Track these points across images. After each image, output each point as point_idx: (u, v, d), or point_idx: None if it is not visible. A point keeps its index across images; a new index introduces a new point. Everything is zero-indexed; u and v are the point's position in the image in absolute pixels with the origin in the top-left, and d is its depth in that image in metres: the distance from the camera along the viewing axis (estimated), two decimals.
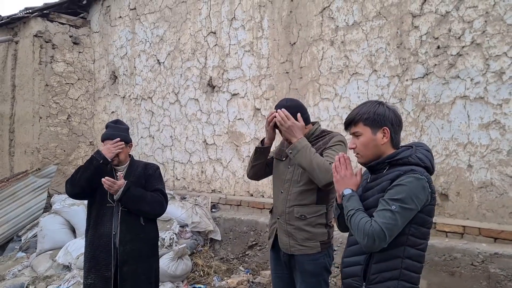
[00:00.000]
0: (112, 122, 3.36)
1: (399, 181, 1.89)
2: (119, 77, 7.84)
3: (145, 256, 3.17)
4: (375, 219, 1.87)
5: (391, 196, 1.87)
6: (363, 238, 1.87)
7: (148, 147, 7.33)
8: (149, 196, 3.17)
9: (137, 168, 3.29)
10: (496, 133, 3.80)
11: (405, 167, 1.94)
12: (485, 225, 3.84)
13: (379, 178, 2.01)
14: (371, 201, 1.99)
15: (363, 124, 2.03)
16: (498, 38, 3.77)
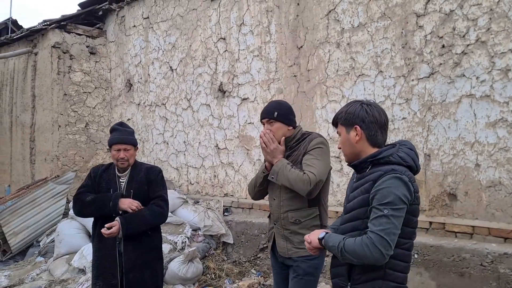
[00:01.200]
0: (118, 125, 3.35)
1: (381, 184, 1.88)
2: (134, 84, 8.00)
3: (150, 262, 3.21)
4: (371, 229, 1.85)
5: (379, 202, 1.86)
6: (370, 255, 1.82)
7: (162, 153, 7.45)
8: (149, 215, 3.18)
9: (139, 173, 3.29)
10: (503, 131, 3.75)
11: (386, 166, 1.94)
12: (494, 224, 3.79)
13: (363, 178, 2.02)
14: (355, 202, 2.00)
15: (340, 124, 2.10)
16: (503, 35, 3.73)
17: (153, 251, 3.29)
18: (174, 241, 5.49)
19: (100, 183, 3.25)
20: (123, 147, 3.20)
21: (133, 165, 3.32)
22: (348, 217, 2.04)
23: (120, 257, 3.15)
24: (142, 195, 3.23)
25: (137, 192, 3.21)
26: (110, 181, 3.24)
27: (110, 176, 3.27)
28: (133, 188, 3.21)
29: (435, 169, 4.14)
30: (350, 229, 2.01)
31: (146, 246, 3.21)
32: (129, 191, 3.20)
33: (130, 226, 3.08)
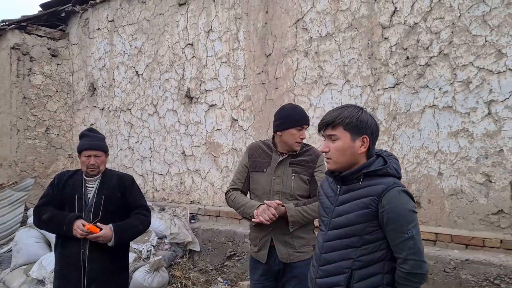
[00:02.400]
0: (88, 131, 3.24)
1: (391, 201, 1.83)
2: (98, 89, 7.80)
3: (115, 273, 3.10)
4: (402, 256, 1.82)
5: (398, 224, 1.82)
6: (413, 283, 1.83)
7: (127, 159, 7.29)
8: (140, 226, 3.14)
9: (111, 179, 3.20)
10: (464, 141, 3.88)
11: (384, 179, 1.89)
12: (456, 232, 3.91)
13: (354, 190, 1.91)
14: (350, 218, 1.89)
15: (343, 128, 1.90)
16: (464, 48, 3.87)
17: (118, 261, 3.18)
18: (139, 249, 5.36)
19: (65, 189, 3.11)
20: (94, 153, 3.09)
21: (103, 172, 3.20)
22: (338, 234, 1.93)
23: (84, 266, 3.02)
24: (114, 202, 3.12)
25: (109, 199, 3.10)
26: (76, 186, 3.11)
27: (76, 182, 3.14)
28: (105, 195, 3.10)
29: None
30: (343, 246, 1.91)
31: (112, 256, 3.09)
32: (100, 197, 3.09)
33: (123, 235, 3.03)
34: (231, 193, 2.93)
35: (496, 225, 3.72)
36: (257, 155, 2.90)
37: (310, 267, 2.11)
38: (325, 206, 2.01)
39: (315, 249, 2.10)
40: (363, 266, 1.89)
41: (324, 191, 2.08)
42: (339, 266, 1.92)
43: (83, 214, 3.05)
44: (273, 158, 2.84)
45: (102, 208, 3.06)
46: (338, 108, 1.97)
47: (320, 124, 1.97)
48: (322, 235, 2.02)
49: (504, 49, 3.66)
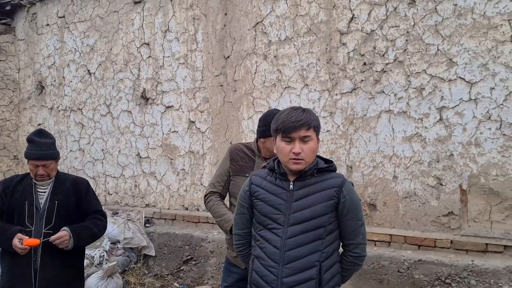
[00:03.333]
0: (35, 135, 2.94)
1: (349, 192, 2.00)
2: (47, 87, 7.46)
3: (68, 281, 2.95)
4: (356, 241, 2.03)
5: (355, 212, 2.01)
6: (361, 265, 2.11)
7: (78, 161, 7.01)
8: (95, 229, 3.00)
9: (65, 183, 3.02)
10: (418, 146, 4.03)
11: (334, 173, 2.05)
12: (409, 233, 4.05)
13: (311, 185, 1.99)
14: (314, 210, 1.95)
15: (313, 129, 1.98)
16: (418, 56, 4.02)
17: (73, 269, 3.01)
18: (91, 255, 5.16)
19: (14, 195, 2.90)
20: (42, 163, 2.87)
21: (56, 175, 3.01)
22: (303, 228, 1.95)
23: (35, 275, 2.84)
24: (68, 207, 2.96)
25: (63, 204, 2.93)
26: (26, 192, 2.91)
27: (26, 187, 2.93)
28: (58, 199, 2.92)
29: (356, 180, 4.33)
30: (310, 240, 1.95)
31: (65, 263, 2.91)
32: (53, 202, 2.91)
33: (80, 237, 2.87)
34: (210, 198, 2.88)
35: (446, 226, 3.89)
36: (239, 159, 2.86)
37: (255, 271, 2.04)
38: (275, 203, 2.00)
39: (263, 249, 2.01)
40: (328, 257, 1.98)
41: (265, 190, 2.05)
42: (309, 260, 1.94)
43: (34, 221, 2.87)
44: (257, 163, 2.80)
45: (55, 214, 2.89)
46: (298, 111, 2.00)
47: (293, 125, 1.94)
48: (277, 233, 1.98)
49: (455, 58, 3.84)
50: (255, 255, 2.05)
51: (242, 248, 2.21)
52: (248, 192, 2.10)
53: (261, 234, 2.03)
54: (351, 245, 2.05)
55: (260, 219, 2.04)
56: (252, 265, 2.07)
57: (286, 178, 2.02)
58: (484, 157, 3.70)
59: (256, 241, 2.06)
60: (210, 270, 5.01)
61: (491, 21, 3.68)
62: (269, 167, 2.10)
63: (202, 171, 5.55)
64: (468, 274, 3.52)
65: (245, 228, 2.16)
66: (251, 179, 2.13)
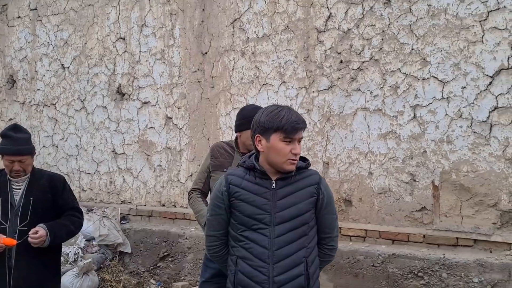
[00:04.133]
0: (10, 130, 2.87)
1: (326, 188, 2.09)
2: (18, 81, 7.27)
3: (44, 280, 2.89)
4: (333, 234, 2.13)
5: (331, 206, 2.11)
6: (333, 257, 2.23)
7: (51, 157, 6.87)
8: (71, 226, 2.96)
9: (41, 180, 2.96)
10: (392, 143, 4.12)
11: (309, 170, 2.11)
12: (384, 228, 4.14)
13: (292, 183, 2.02)
14: (300, 208, 1.99)
15: (303, 130, 2.07)
16: (393, 55, 4.10)
17: (49, 267, 2.96)
18: (65, 252, 5.08)
19: None
20: (17, 158, 2.81)
21: (32, 172, 2.95)
22: (290, 226, 1.98)
23: (10, 274, 2.78)
24: (44, 204, 2.91)
25: (39, 201, 2.88)
26: (0, 188, 2.85)
27: (1, 184, 2.87)
28: (34, 197, 2.86)
29: (332, 176, 4.40)
30: (297, 237, 2.00)
31: (41, 261, 2.86)
32: (28, 199, 2.85)
33: (56, 235, 2.82)
34: (191, 195, 2.99)
35: (419, 221, 3.99)
36: (219, 155, 2.94)
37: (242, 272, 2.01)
38: (259, 203, 1.99)
39: (249, 249, 1.99)
40: (311, 252, 2.06)
41: (247, 190, 2.03)
42: (297, 256, 1.99)
43: (9, 218, 2.81)
44: (235, 158, 2.86)
45: (30, 211, 2.84)
46: (293, 110, 2.05)
47: (299, 127, 2.00)
48: (264, 233, 1.98)
49: (428, 58, 3.94)
50: (239, 256, 2.02)
51: (218, 249, 2.15)
52: (226, 193, 2.04)
53: (244, 235, 2.01)
54: (327, 238, 2.14)
55: (242, 220, 2.01)
56: (235, 266, 2.04)
57: (268, 177, 2.02)
58: (455, 154, 3.81)
59: (239, 242, 2.03)
60: (187, 267, 5.01)
61: (463, 22, 3.78)
62: (246, 166, 2.07)
63: (179, 167, 5.53)
64: (440, 268, 3.64)
65: (221, 229, 2.11)
66: (228, 179, 2.07)
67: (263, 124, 2.00)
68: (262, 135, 2.01)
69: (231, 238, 2.09)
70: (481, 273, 3.47)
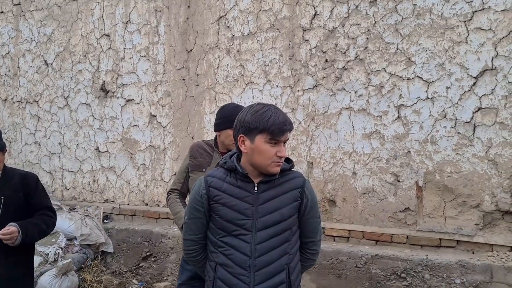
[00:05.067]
0: None
1: (311, 191, 2.00)
2: (0, 77, 7.13)
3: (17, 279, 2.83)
4: (316, 239, 2.06)
5: (314, 209, 2.02)
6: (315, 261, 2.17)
7: (33, 155, 6.75)
8: (43, 225, 2.90)
9: (13, 179, 2.90)
10: (377, 143, 4.09)
11: (293, 173, 2.00)
12: (367, 228, 4.11)
13: (275, 186, 1.92)
14: (283, 213, 1.90)
15: (289, 132, 1.93)
16: (378, 55, 4.07)
17: (20, 266, 2.88)
18: (45, 252, 4.99)
19: None
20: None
21: (2, 171, 2.89)
22: (273, 232, 1.89)
23: None
24: (16, 203, 2.84)
25: (10, 200, 2.81)
26: None
27: None
28: (5, 195, 2.80)
29: (316, 176, 4.36)
30: (279, 243, 1.91)
31: (13, 260, 2.80)
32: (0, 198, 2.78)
33: (28, 233, 2.75)
34: (170, 196, 2.97)
35: (403, 222, 3.97)
36: (198, 155, 2.89)
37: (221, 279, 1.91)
38: (241, 208, 1.88)
39: (229, 256, 1.90)
40: (293, 258, 1.97)
41: (227, 193, 1.92)
42: (279, 264, 1.91)
43: None
44: (214, 158, 2.82)
45: (2, 210, 2.77)
46: (280, 111, 1.90)
47: (286, 129, 1.86)
48: (245, 239, 1.88)
49: (413, 57, 3.91)
50: (219, 262, 1.92)
51: (196, 254, 2.04)
52: (206, 196, 1.92)
53: (224, 241, 1.91)
54: (310, 243, 2.06)
55: (222, 225, 1.91)
56: (214, 273, 1.93)
57: (249, 180, 1.91)
58: (439, 155, 3.80)
59: (219, 248, 1.93)
60: (170, 267, 4.94)
61: (448, 22, 3.77)
62: (227, 167, 1.95)
63: (163, 166, 5.45)
64: (423, 269, 3.61)
65: (200, 233, 2.00)
66: (208, 181, 1.94)
67: (248, 124, 1.86)
68: (246, 136, 1.88)
69: (210, 243, 1.98)
70: (463, 274, 3.46)
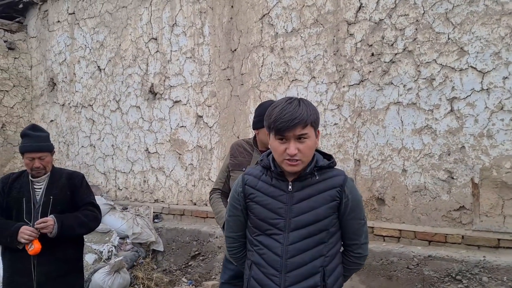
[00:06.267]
0: (29, 129, 2.95)
1: (351, 190, 1.86)
2: (58, 84, 7.51)
3: (67, 275, 2.93)
4: (359, 241, 1.93)
5: (358, 212, 1.89)
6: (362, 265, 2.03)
7: (89, 157, 7.04)
8: (83, 218, 2.96)
9: (60, 178, 3.02)
10: (428, 138, 3.89)
11: (334, 170, 1.89)
12: (420, 228, 3.92)
13: (312, 185, 1.83)
14: (318, 213, 1.81)
15: (310, 125, 1.76)
16: (428, 46, 3.88)
17: (70, 263, 3.00)
18: (99, 250, 5.18)
19: (11, 193, 2.91)
20: (38, 155, 2.87)
21: (51, 171, 3.01)
22: (306, 232, 1.82)
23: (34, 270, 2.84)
24: (64, 202, 2.95)
25: (58, 199, 2.93)
26: (23, 189, 2.91)
27: (23, 184, 2.93)
28: (53, 194, 2.92)
29: (364, 174, 4.22)
30: (314, 244, 1.82)
31: (62, 257, 2.91)
32: (48, 198, 2.91)
33: (64, 223, 2.82)
34: (212, 196, 2.95)
35: (457, 221, 3.75)
36: (239, 154, 2.86)
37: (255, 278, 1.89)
38: (274, 207, 1.84)
39: (262, 255, 1.86)
40: (330, 261, 1.86)
41: (262, 192, 1.88)
42: (313, 266, 1.81)
43: (32, 217, 2.87)
44: (254, 157, 2.77)
45: (50, 209, 2.90)
46: (292, 105, 1.77)
47: (287, 125, 1.73)
48: (278, 239, 1.83)
49: (466, 47, 3.69)
50: (253, 261, 1.90)
51: (236, 251, 2.05)
52: (242, 194, 1.92)
53: (259, 240, 1.88)
54: (353, 245, 1.94)
55: (257, 224, 1.88)
56: (250, 271, 1.92)
57: (284, 178, 1.85)
58: (496, 149, 3.55)
59: (254, 246, 1.91)
60: (218, 266, 4.96)
61: (504, 7, 3.52)
62: (263, 165, 1.91)
63: (210, 165, 5.50)
64: (480, 271, 3.39)
65: (239, 230, 2.00)
66: (244, 179, 1.94)
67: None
68: (268, 133, 1.85)
69: (248, 241, 1.97)
70: None
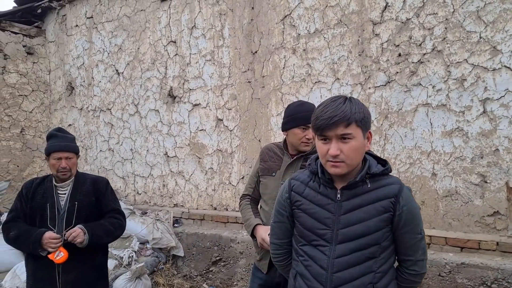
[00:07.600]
0: (56, 131, 2.95)
1: (407, 202, 1.69)
2: (76, 88, 7.50)
3: (90, 282, 2.87)
4: (415, 258, 1.76)
5: (415, 225, 1.72)
6: (419, 283, 1.84)
7: (107, 161, 7.01)
8: (110, 226, 2.92)
9: (85, 184, 2.97)
10: (459, 141, 3.76)
11: (389, 178, 1.74)
12: (451, 234, 3.78)
13: (363, 194, 1.69)
14: (369, 225, 1.67)
15: (356, 125, 1.62)
16: (458, 45, 3.75)
17: (95, 270, 2.94)
18: (120, 256, 5.13)
19: (34, 198, 2.86)
20: (65, 155, 2.83)
21: (76, 176, 2.97)
22: (355, 246, 1.68)
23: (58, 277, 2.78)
24: (89, 208, 2.90)
25: (83, 205, 2.88)
26: (47, 194, 2.86)
27: (47, 189, 2.89)
28: (78, 200, 2.87)
29: None
30: (363, 259, 1.68)
31: (87, 264, 2.86)
32: (73, 204, 2.86)
33: (94, 233, 2.79)
34: (241, 202, 2.84)
35: (492, 227, 3.61)
36: (268, 158, 2.74)
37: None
38: (321, 216, 1.72)
39: (308, 267, 1.76)
40: (381, 277, 1.71)
41: (308, 199, 1.77)
42: (361, 283, 1.68)
43: (56, 223, 2.82)
44: (284, 161, 2.64)
45: (75, 215, 2.84)
46: (336, 103, 1.65)
47: (326, 123, 1.62)
48: (324, 251, 1.72)
49: (499, 46, 3.55)
50: (298, 271, 1.80)
51: (281, 258, 1.95)
52: (288, 200, 1.82)
53: (304, 250, 1.77)
54: (408, 262, 1.78)
55: (302, 233, 1.78)
56: (294, 282, 1.81)
57: (332, 186, 1.73)
58: None
59: (299, 256, 1.80)
60: (240, 272, 4.87)
61: None
62: (310, 170, 1.79)
63: (231, 170, 5.42)
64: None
65: (285, 237, 1.90)
66: (291, 184, 1.83)
67: (311, 121, 1.74)
68: (313, 134, 1.74)
69: (293, 250, 1.86)
70: None
